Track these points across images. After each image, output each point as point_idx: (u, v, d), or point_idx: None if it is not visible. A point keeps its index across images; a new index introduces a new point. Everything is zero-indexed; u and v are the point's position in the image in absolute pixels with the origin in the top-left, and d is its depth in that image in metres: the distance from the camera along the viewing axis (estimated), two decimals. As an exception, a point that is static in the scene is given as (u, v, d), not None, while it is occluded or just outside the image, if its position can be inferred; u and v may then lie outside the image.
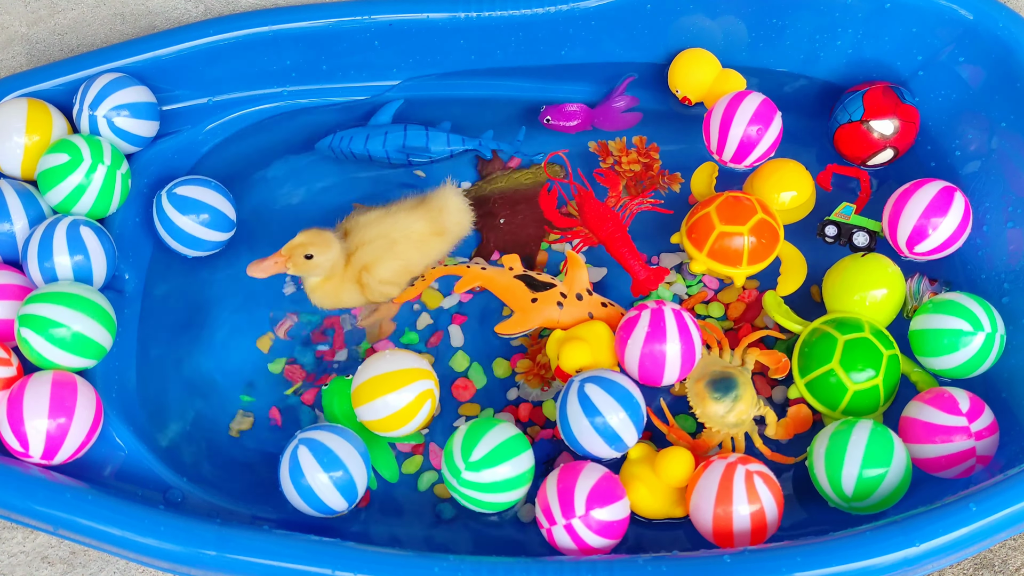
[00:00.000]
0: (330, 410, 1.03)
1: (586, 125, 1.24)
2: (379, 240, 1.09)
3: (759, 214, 1.08)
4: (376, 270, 1.08)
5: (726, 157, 1.13)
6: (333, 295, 1.09)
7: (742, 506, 0.89)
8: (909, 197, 1.07)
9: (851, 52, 1.21)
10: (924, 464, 0.95)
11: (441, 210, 1.11)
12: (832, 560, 0.82)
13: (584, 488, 0.91)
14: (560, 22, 1.21)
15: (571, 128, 1.24)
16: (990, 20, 1.11)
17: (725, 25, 1.22)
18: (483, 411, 1.07)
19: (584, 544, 0.91)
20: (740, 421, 1.00)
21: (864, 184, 1.15)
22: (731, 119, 1.11)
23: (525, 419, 1.06)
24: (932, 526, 0.83)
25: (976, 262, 1.10)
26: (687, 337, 0.99)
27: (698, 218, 1.10)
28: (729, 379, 1.00)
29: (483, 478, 0.92)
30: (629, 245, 1.12)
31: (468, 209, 1.13)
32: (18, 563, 1.02)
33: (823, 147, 1.22)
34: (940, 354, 1.00)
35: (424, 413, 0.99)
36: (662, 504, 0.96)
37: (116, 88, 1.13)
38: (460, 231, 1.13)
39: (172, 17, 1.31)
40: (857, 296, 1.04)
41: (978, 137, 1.13)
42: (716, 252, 1.08)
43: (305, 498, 0.94)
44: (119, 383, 1.07)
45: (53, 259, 1.03)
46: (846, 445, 0.91)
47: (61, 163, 1.08)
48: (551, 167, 1.22)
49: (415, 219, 1.10)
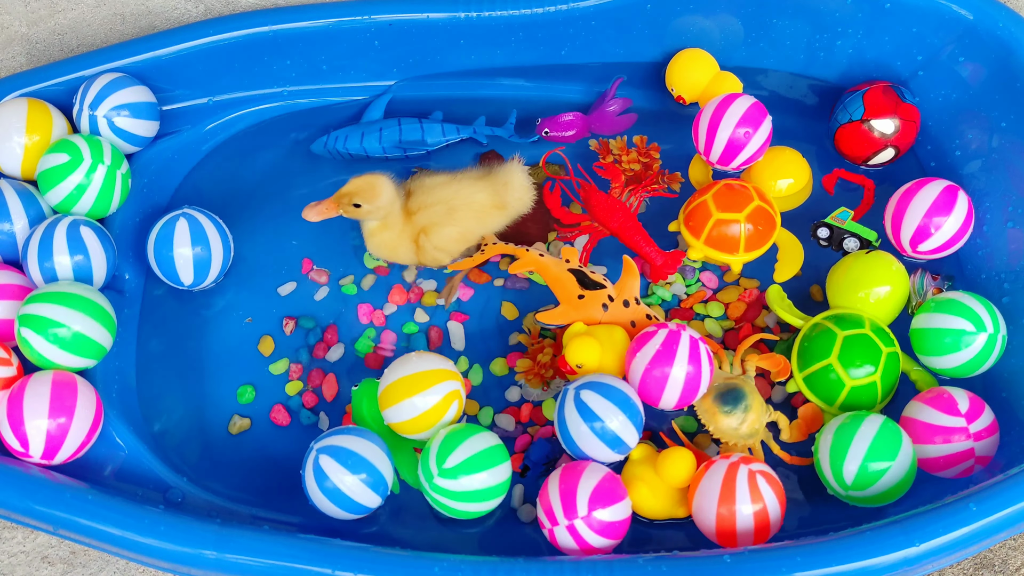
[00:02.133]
0: (359, 412, 1.03)
1: (584, 132, 1.24)
2: (440, 205, 1.10)
3: (756, 201, 1.08)
4: (433, 235, 1.09)
5: (713, 158, 1.13)
6: (390, 248, 1.10)
7: (745, 505, 0.89)
8: (912, 196, 1.07)
9: (851, 52, 1.21)
10: (923, 464, 0.95)
11: (505, 184, 1.12)
12: (832, 560, 0.82)
13: (586, 489, 0.91)
14: (561, 22, 1.21)
15: (569, 138, 1.24)
16: (990, 20, 1.11)
17: (725, 25, 1.22)
18: (481, 409, 1.07)
19: (586, 544, 0.91)
20: (754, 431, 0.99)
21: (868, 193, 1.15)
22: (719, 121, 1.11)
23: (526, 419, 1.06)
24: (932, 526, 0.83)
25: (976, 262, 1.10)
26: (696, 365, 0.97)
27: (695, 206, 1.10)
28: (736, 390, 0.99)
29: (455, 486, 0.92)
30: (642, 233, 1.13)
31: (531, 187, 1.13)
32: (18, 563, 1.02)
33: (823, 147, 1.22)
34: (942, 353, 1.00)
35: (451, 414, 0.98)
36: (664, 505, 0.96)
37: (116, 88, 1.13)
38: (521, 207, 1.13)
39: (172, 17, 1.31)
40: (861, 293, 1.04)
41: (978, 137, 1.13)
42: (713, 239, 1.09)
43: (336, 501, 0.93)
44: (119, 383, 1.07)
45: (53, 259, 1.03)
46: (854, 435, 0.91)
47: (61, 163, 1.08)
48: (550, 166, 1.22)
49: (478, 190, 1.11)
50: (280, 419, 1.08)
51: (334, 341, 1.12)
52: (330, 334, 1.12)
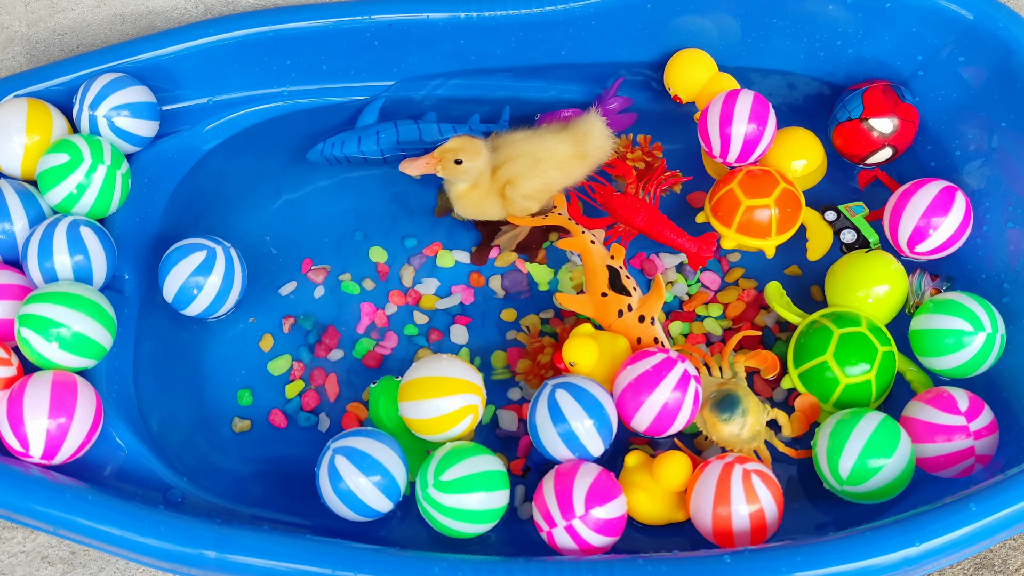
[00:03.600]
0: (375, 409, 1.03)
1: None
2: (525, 157, 1.13)
3: (781, 184, 1.10)
4: (519, 185, 1.12)
5: (731, 158, 1.13)
6: (477, 205, 1.13)
7: (741, 506, 0.89)
8: (910, 197, 1.07)
9: (851, 52, 1.21)
10: (924, 464, 0.95)
11: (586, 135, 1.15)
12: (832, 560, 0.82)
13: (582, 488, 0.91)
14: (560, 22, 1.20)
15: None
16: (990, 20, 1.11)
17: (723, 25, 1.22)
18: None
19: (585, 544, 0.90)
20: (755, 433, 0.99)
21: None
22: (729, 121, 1.11)
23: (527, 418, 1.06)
24: (932, 526, 0.83)
25: (976, 262, 1.10)
26: (678, 397, 0.95)
27: (722, 195, 1.11)
28: (730, 396, 0.99)
29: (447, 501, 0.91)
30: (669, 225, 1.13)
31: (610, 135, 1.16)
32: (18, 563, 1.02)
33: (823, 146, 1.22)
34: (941, 354, 1.00)
35: (463, 427, 0.98)
36: (662, 510, 0.95)
37: (116, 88, 1.13)
38: (601, 156, 1.17)
39: (172, 17, 1.31)
40: (860, 293, 1.04)
41: (978, 137, 1.13)
42: (744, 226, 1.10)
43: (347, 502, 0.93)
44: (119, 383, 1.07)
45: (53, 259, 1.03)
46: (852, 430, 0.92)
47: (61, 163, 1.08)
48: None
49: (560, 141, 1.14)
50: (279, 421, 1.08)
51: (335, 341, 1.12)
52: (330, 334, 1.12)
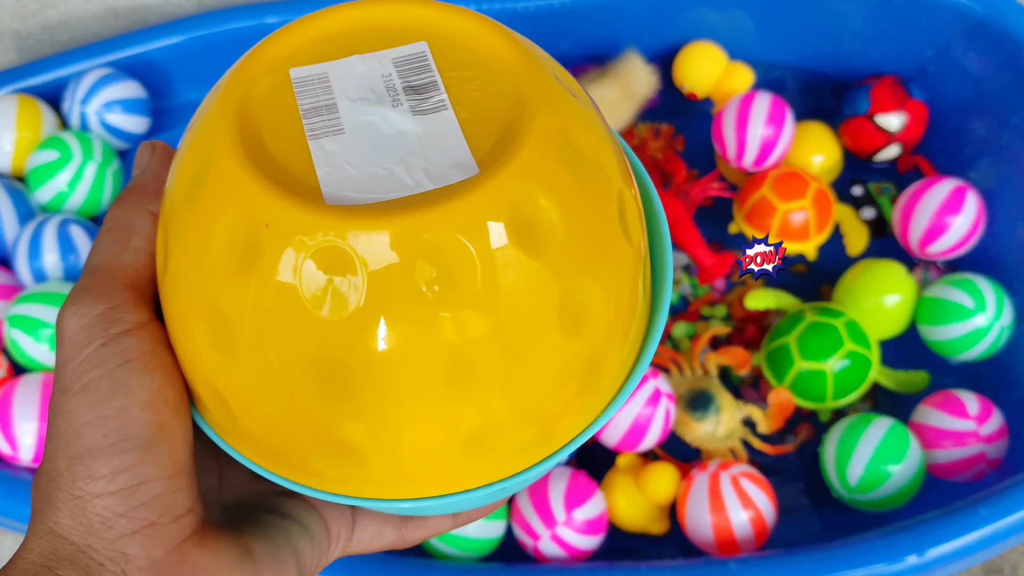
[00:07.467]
0: None
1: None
2: None
3: (813, 183, 1.07)
4: None
5: (747, 162, 1.11)
6: None
7: (737, 512, 0.87)
8: (921, 195, 1.05)
9: (859, 46, 1.19)
10: (934, 469, 0.93)
11: (628, 75, 1.12)
12: (839, 566, 0.81)
13: (558, 493, 0.88)
14: (563, 15, 1.19)
15: None
16: (1000, 15, 1.10)
17: (730, 18, 1.20)
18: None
19: (574, 549, 0.88)
20: (730, 431, 0.97)
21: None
22: (746, 122, 1.08)
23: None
24: (941, 531, 0.81)
25: (986, 261, 1.08)
26: (650, 411, 0.92)
27: (756, 201, 1.08)
28: (702, 394, 0.97)
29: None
30: (693, 232, 1.11)
31: (652, 70, 1.14)
32: (8, 569, 1.01)
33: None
34: (936, 323, 0.99)
35: None
36: (638, 518, 0.93)
37: (107, 83, 1.11)
38: (647, 92, 1.14)
39: (165, 11, 1.29)
40: (869, 303, 1.02)
41: (988, 134, 1.12)
42: (783, 231, 1.07)
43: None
44: (111, 385, 1.05)
45: (42, 258, 1.01)
46: (860, 437, 0.90)
47: (50, 160, 1.06)
48: None
49: (604, 86, 1.12)
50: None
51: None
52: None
